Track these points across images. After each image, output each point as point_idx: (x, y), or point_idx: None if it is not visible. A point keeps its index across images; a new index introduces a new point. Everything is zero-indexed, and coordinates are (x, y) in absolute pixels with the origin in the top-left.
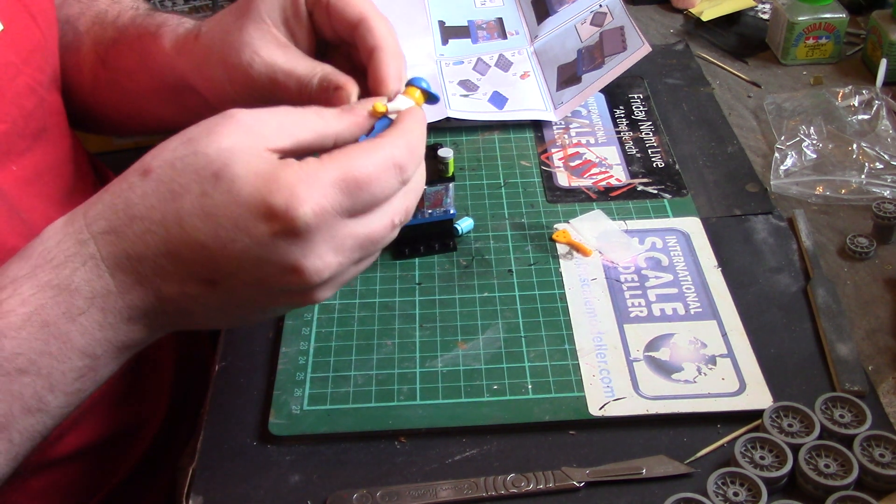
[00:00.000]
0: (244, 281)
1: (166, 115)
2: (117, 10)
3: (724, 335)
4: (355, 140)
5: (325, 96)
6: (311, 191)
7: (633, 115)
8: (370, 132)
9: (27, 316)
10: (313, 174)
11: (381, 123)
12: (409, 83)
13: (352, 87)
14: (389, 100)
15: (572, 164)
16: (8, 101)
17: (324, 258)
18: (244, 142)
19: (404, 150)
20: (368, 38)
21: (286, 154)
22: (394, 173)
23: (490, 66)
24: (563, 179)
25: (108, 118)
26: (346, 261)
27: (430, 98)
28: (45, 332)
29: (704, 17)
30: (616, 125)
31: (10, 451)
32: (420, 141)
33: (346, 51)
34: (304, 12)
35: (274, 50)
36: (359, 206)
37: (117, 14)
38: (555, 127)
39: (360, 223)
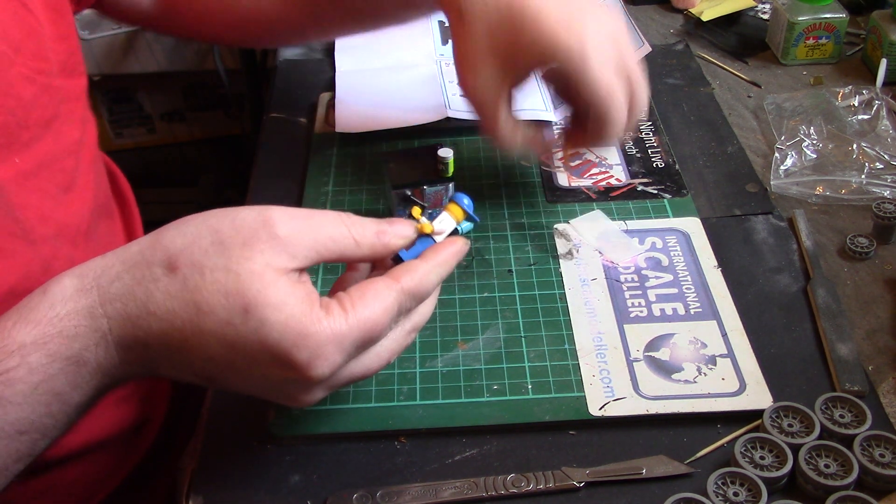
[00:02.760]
0: (240, 387)
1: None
2: None
3: (724, 335)
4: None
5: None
6: (334, 352)
7: None
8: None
9: (36, 385)
10: (340, 336)
11: (424, 242)
12: (452, 200)
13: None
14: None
15: (572, 164)
16: (1, 93)
17: (318, 395)
18: (276, 263)
19: (411, 297)
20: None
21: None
22: (395, 319)
23: None
24: (563, 179)
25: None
26: (337, 389)
27: (469, 219)
28: (50, 399)
29: (704, 17)
30: None
31: None
32: (436, 285)
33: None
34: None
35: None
36: (363, 352)
37: None
38: (555, 127)
39: (359, 364)
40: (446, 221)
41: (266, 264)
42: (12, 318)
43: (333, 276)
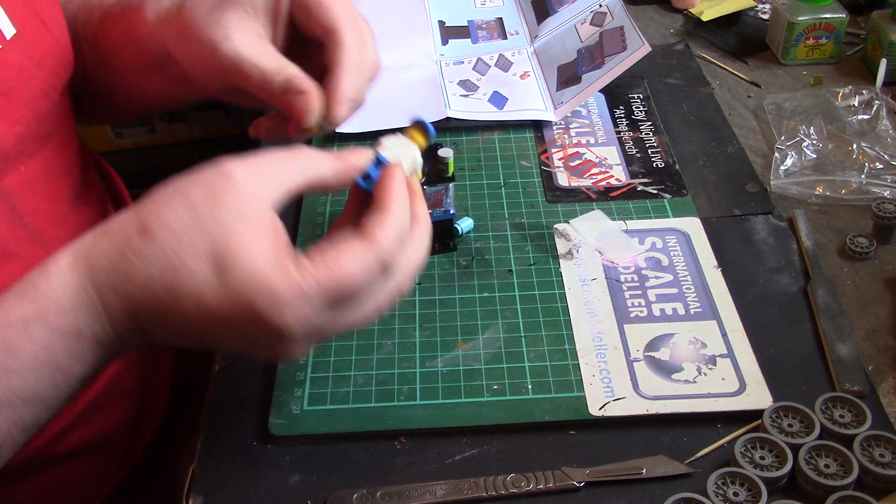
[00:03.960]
0: (229, 345)
1: (151, 87)
2: None
3: (724, 335)
4: (345, 185)
5: (286, 98)
6: (303, 309)
7: (633, 115)
8: (365, 177)
9: (37, 356)
10: (303, 288)
11: (376, 169)
12: (413, 124)
13: (315, 97)
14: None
15: (572, 164)
16: (22, 104)
17: (301, 345)
18: (245, 211)
19: (392, 246)
20: (333, 51)
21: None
22: (378, 272)
23: (490, 66)
24: (563, 179)
25: (99, 101)
26: (325, 340)
27: (427, 136)
28: (54, 371)
29: (704, 17)
30: (616, 125)
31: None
32: (405, 219)
33: (320, 52)
34: (286, 6)
35: (246, 37)
36: (341, 303)
37: None
38: (555, 127)
39: (342, 315)
40: (399, 144)
41: (233, 214)
42: (14, 293)
43: None
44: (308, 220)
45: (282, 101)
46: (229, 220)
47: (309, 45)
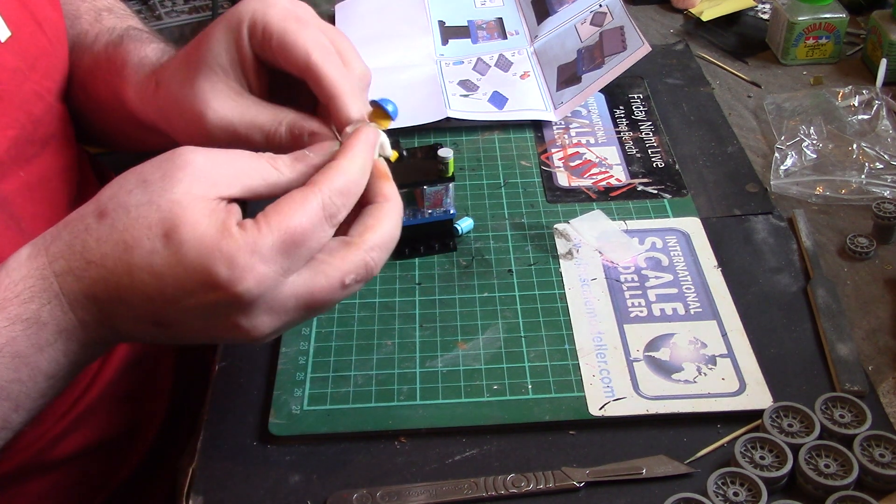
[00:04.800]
0: (192, 327)
1: (149, 141)
2: (95, 32)
3: (724, 335)
4: None
5: (299, 143)
6: (252, 261)
7: (633, 115)
8: None
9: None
10: (253, 243)
11: None
12: (373, 106)
13: (325, 131)
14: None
15: (572, 164)
16: (16, 107)
17: (263, 319)
18: (196, 191)
19: (335, 193)
20: (319, 87)
21: (236, 200)
22: (321, 216)
23: (490, 66)
24: (563, 179)
25: (89, 134)
26: (288, 319)
27: (385, 115)
28: (16, 362)
29: (704, 17)
30: (616, 125)
31: None
32: (361, 175)
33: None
34: (250, 56)
35: (226, 101)
36: (297, 263)
37: (94, 38)
38: (555, 127)
39: (300, 283)
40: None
41: (185, 192)
42: None
43: None
44: None
45: (294, 147)
46: (179, 195)
47: (290, 77)
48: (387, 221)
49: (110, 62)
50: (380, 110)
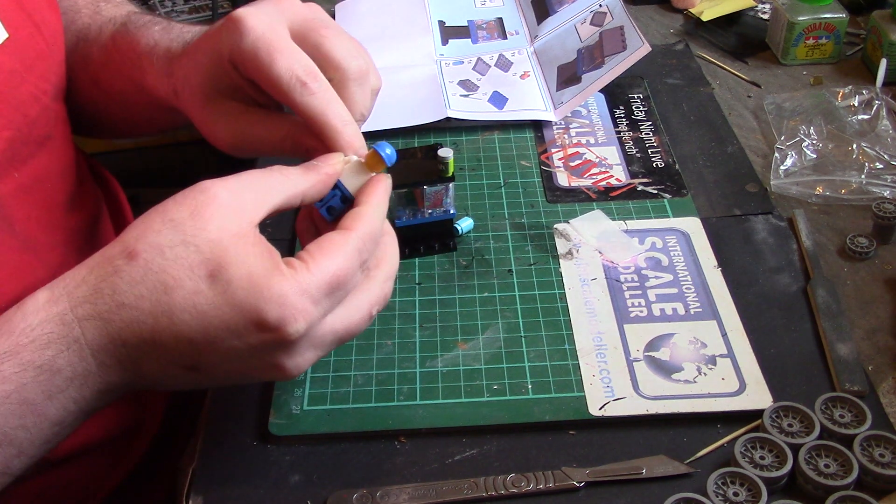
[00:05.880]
0: (226, 369)
1: (165, 123)
2: (98, 24)
3: (724, 335)
4: (322, 196)
5: (303, 153)
6: (302, 303)
7: (633, 115)
8: (328, 208)
9: (7, 394)
10: (304, 285)
11: (340, 203)
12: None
13: (321, 147)
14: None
15: (572, 164)
16: (12, 108)
17: (305, 356)
18: (231, 226)
19: (367, 239)
20: (313, 122)
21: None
22: (357, 261)
23: (490, 66)
24: (563, 179)
25: (104, 126)
26: (323, 353)
27: (381, 160)
28: (23, 409)
29: (704, 17)
30: (616, 125)
31: None
32: (381, 222)
33: None
34: (243, 79)
35: (232, 123)
36: (336, 303)
37: (98, 30)
38: (555, 127)
39: (340, 319)
40: (359, 170)
41: (219, 229)
42: None
43: None
44: None
45: (299, 154)
46: (216, 235)
47: None
48: (392, 252)
49: (121, 53)
50: (378, 157)
